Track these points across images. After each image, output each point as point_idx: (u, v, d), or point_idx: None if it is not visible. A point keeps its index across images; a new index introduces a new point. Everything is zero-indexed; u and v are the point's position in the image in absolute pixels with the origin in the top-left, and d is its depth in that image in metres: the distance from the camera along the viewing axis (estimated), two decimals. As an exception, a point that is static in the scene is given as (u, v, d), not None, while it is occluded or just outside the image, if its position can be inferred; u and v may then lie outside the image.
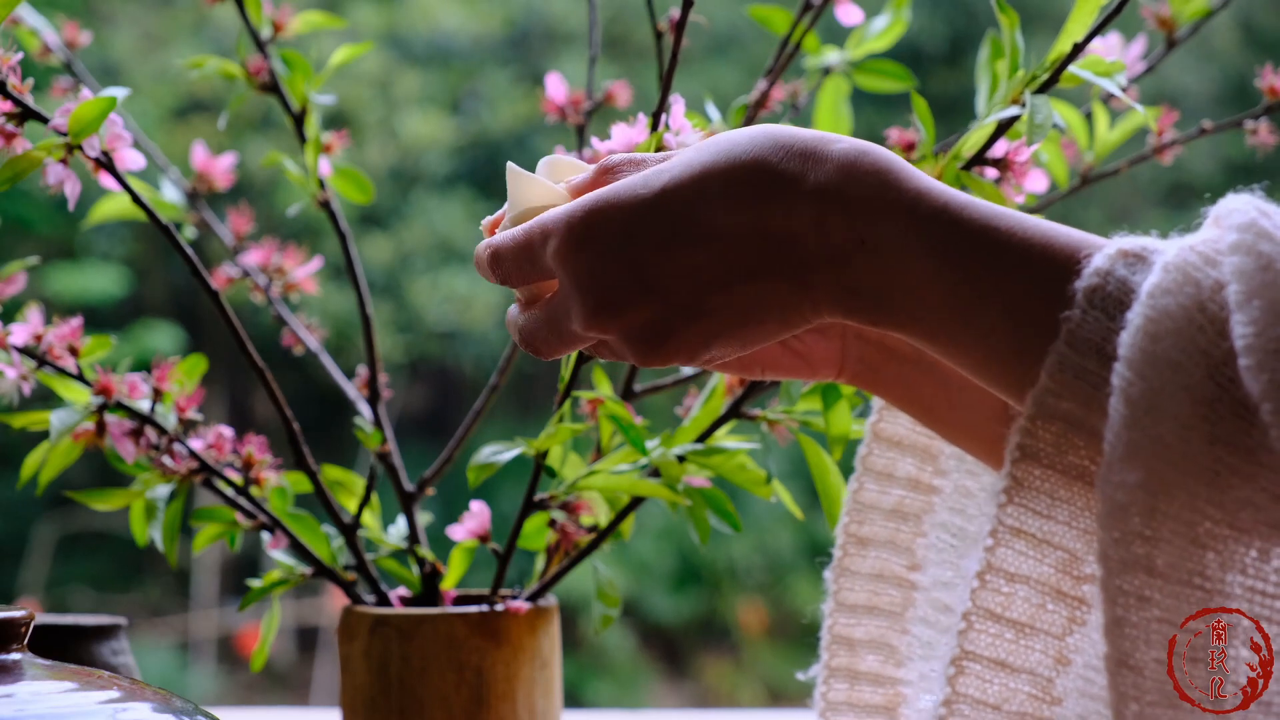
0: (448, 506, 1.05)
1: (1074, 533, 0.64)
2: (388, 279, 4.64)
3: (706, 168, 0.68)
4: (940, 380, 0.77)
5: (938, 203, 0.66)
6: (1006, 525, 0.65)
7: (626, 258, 0.68)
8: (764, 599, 4.73)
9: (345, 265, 1.02)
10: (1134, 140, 1.07)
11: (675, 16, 0.88)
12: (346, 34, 4.07)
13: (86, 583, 4.53)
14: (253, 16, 1.00)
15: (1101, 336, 0.62)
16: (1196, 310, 0.60)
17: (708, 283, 0.68)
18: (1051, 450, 0.64)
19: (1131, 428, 0.60)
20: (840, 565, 0.85)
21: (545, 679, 0.92)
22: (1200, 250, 0.61)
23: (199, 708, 0.76)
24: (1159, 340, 0.60)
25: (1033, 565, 0.65)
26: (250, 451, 0.93)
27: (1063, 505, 0.64)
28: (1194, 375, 0.59)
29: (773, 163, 0.67)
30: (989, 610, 0.65)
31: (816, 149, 0.67)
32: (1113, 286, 0.62)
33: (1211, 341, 0.60)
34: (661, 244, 0.68)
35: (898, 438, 0.84)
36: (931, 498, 0.83)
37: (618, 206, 0.68)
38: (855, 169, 0.66)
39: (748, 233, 0.67)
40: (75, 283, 4.37)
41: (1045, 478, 0.64)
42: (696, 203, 0.67)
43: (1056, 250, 0.64)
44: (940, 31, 4.67)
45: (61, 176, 0.85)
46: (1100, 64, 0.82)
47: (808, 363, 0.78)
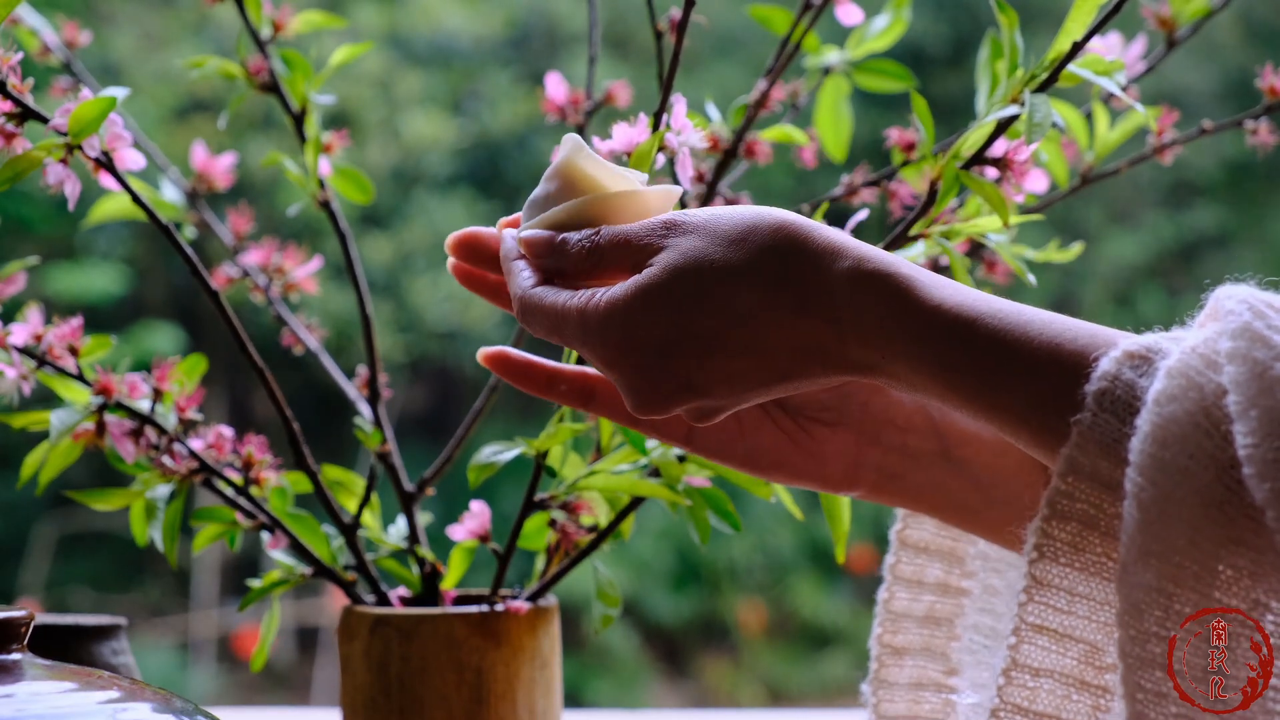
0: (448, 506, 1.05)
1: (1094, 625, 0.67)
2: (388, 279, 4.64)
3: (738, 277, 0.70)
4: (972, 479, 0.79)
5: (947, 318, 0.68)
6: (1028, 623, 0.67)
7: (670, 367, 0.71)
8: (764, 599, 4.73)
9: (345, 265, 1.02)
10: (1134, 140, 1.07)
11: (676, 17, 0.88)
12: (348, 34, 4.07)
13: (86, 583, 4.53)
14: (253, 16, 1.00)
15: (1113, 439, 0.64)
16: (1202, 415, 0.62)
17: (751, 385, 0.71)
18: (1068, 550, 0.66)
19: (1145, 531, 0.62)
20: (878, 677, 0.86)
21: (545, 679, 0.92)
22: (1201, 352, 0.64)
23: (199, 708, 0.76)
24: (1167, 446, 0.62)
25: (1056, 659, 0.67)
26: (250, 451, 0.93)
27: (1081, 601, 0.67)
28: (1203, 479, 0.62)
29: (790, 284, 0.70)
30: (1016, 705, 0.67)
31: (825, 265, 0.70)
32: (1121, 390, 0.64)
33: (1218, 446, 0.62)
34: (703, 355, 0.71)
35: (924, 543, 0.85)
36: (961, 600, 0.85)
37: (657, 314, 0.71)
38: (870, 287, 0.69)
39: (781, 343, 0.70)
40: (75, 283, 4.37)
41: (1063, 575, 0.66)
42: (731, 321, 0.70)
43: (1065, 356, 0.66)
44: (943, 33, 4.67)
45: (61, 176, 0.85)
46: (1100, 63, 0.82)
47: (819, 462, 0.80)
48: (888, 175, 1.00)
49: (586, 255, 0.74)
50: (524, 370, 0.80)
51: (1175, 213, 4.92)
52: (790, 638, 4.74)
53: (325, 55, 1.04)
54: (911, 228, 0.87)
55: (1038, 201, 1.00)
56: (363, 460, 1.10)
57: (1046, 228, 3.47)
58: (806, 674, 4.69)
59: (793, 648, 4.73)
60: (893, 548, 0.86)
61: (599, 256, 0.74)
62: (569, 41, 4.87)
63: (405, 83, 4.76)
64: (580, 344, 0.72)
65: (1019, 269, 0.91)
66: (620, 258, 0.73)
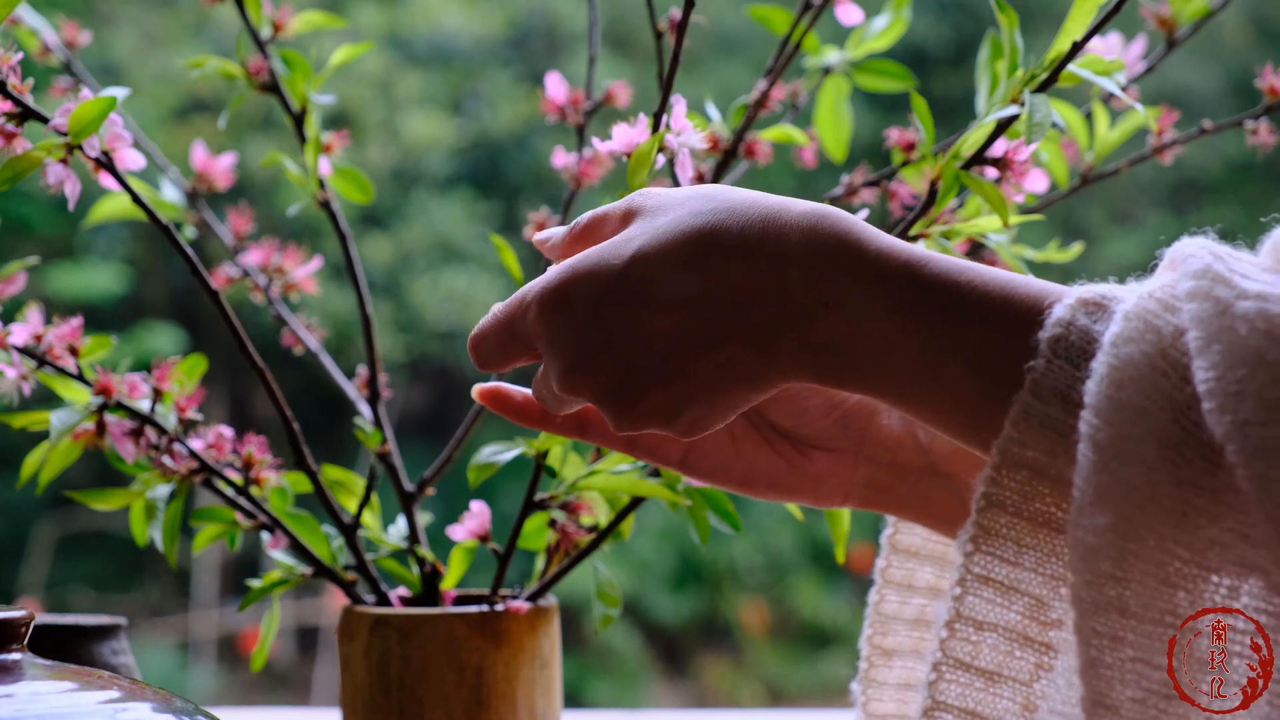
0: (448, 506, 1.05)
1: (1040, 579, 0.65)
2: (388, 279, 4.64)
3: (671, 236, 0.69)
4: (956, 493, 0.79)
5: (898, 260, 0.67)
6: (974, 574, 0.65)
7: (596, 324, 0.70)
8: (764, 599, 4.73)
9: (345, 265, 1.02)
10: (1135, 140, 1.07)
11: (676, 17, 0.88)
12: (348, 34, 4.07)
13: (86, 583, 4.53)
14: (253, 16, 1.00)
15: (1066, 385, 0.63)
16: (1159, 356, 0.61)
17: (670, 348, 0.69)
18: (1017, 498, 0.65)
19: (1100, 472, 0.61)
20: (867, 677, 0.86)
21: (545, 679, 0.92)
22: (1159, 297, 0.63)
23: (199, 708, 0.76)
24: (1123, 387, 0.61)
25: (1000, 613, 0.66)
26: (250, 451, 0.93)
27: (1029, 552, 0.65)
28: (1159, 420, 0.61)
29: (733, 229, 0.69)
30: (958, 659, 0.66)
31: (776, 214, 0.69)
32: (1075, 336, 0.63)
33: (1175, 386, 0.61)
34: (627, 311, 0.69)
35: (914, 548, 0.85)
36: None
37: (588, 276, 0.70)
38: (815, 231, 0.68)
39: (708, 299, 0.68)
40: (75, 283, 4.37)
41: (1011, 525, 0.65)
42: (660, 271, 0.69)
43: (1016, 302, 0.65)
44: (945, 35, 4.67)
45: (61, 176, 0.85)
46: (1099, 63, 0.82)
47: (813, 482, 0.80)
48: (888, 175, 1.00)
49: (576, 236, 0.76)
50: (519, 407, 0.81)
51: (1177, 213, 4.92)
52: (790, 638, 4.75)
53: (325, 55, 1.04)
54: (911, 228, 0.87)
55: (1038, 201, 1.00)
56: (363, 460, 1.10)
57: (1047, 228, 3.47)
58: (807, 674, 4.69)
59: (793, 648, 4.73)
60: (884, 552, 0.86)
61: (578, 236, 0.75)
62: (569, 41, 4.88)
63: (405, 83, 4.76)
64: (524, 318, 0.73)
65: (1019, 269, 0.91)
66: (597, 233, 0.74)
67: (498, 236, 0.95)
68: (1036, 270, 0.93)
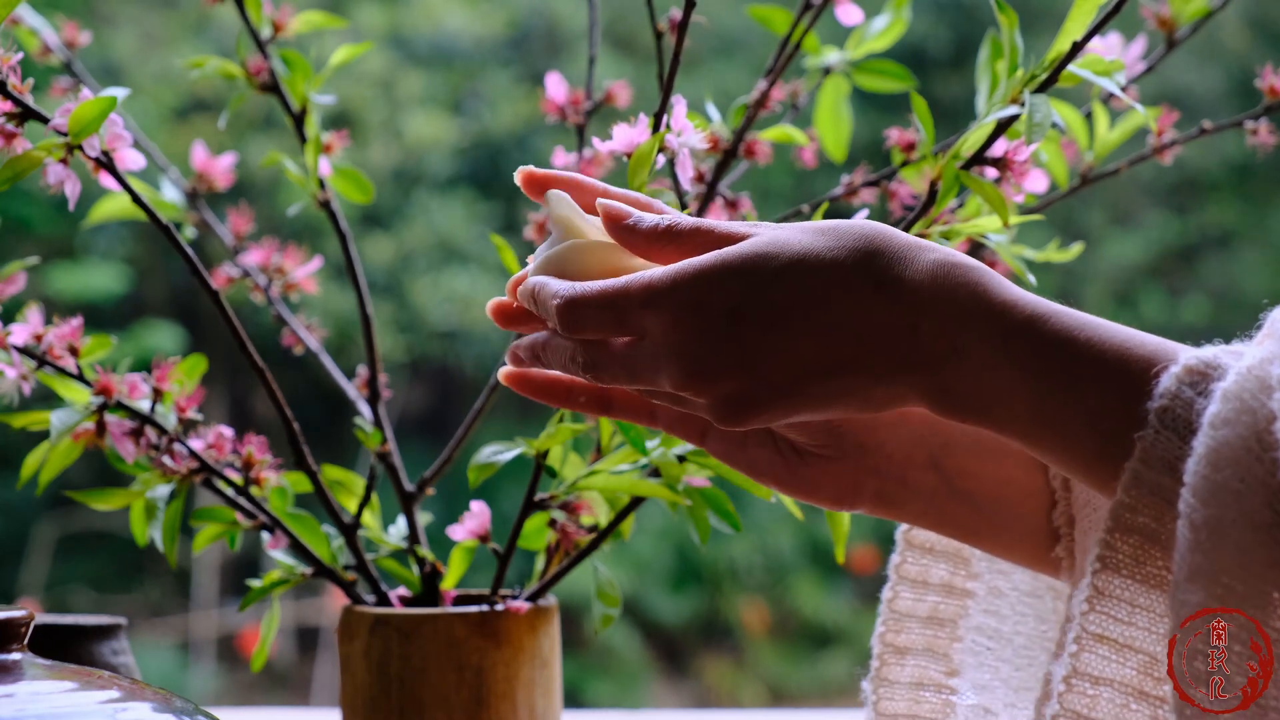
0: (448, 506, 1.05)
1: (1154, 637, 0.68)
2: (389, 279, 4.64)
3: (821, 259, 0.70)
4: (973, 507, 0.79)
5: (1024, 314, 0.69)
6: (1090, 632, 0.68)
7: (734, 333, 0.70)
8: (764, 599, 4.73)
9: (345, 265, 1.02)
10: (1135, 140, 1.07)
11: (676, 17, 0.88)
12: (349, 34, 4.08)
13: (86, 583, 4.53)
14: (253, 16, 1.00)
15: (1174, 456, 0.65)
16: (1254, 440, 0.63)
17: (807, 370, 0.70)
18: (1130, 561, 0.67)
19: (1195, 551, 0.63)
20: (879, 675, 0.86)
21: (545, 679, 0.92)
22: (1257, 374, 0.65)
23: (199, 708, 0.76)
24: (1220, 469, 0.63)
25: (1116, 669, 0.68)
26: (250, 451, 0.93)
27: (1142, 612, 0.68)
28: (1252, 503, 0.63)
29: (879, 266, 0.70)
30: (1076, 712, 0.68)
31: (913, 257, 0.70)
32: (1180, 409, 0.66)
33: (1268, 471, 0.63)
34: (769, 326, 0.70)
35: (929, 544, 0.85)
36: (966, 601, 0.85)
37: (724, 286, 0.70)
38: (948, 279, 0.70)
39: (846, 331, 0.70)
40: (75, 283, 4.37)
41: (1125, 587, 0.67)
42: (808, 298, 0.70)
43: (1132, 363, 0.67)
44: (943, 35, 4.67)
45: (61, 176, 0.85)
46: (1099, 63, 0.82)
47: (811, 486, 0.80)
48: (888, 175, 1.00)
49: (662, 234, 0.74)
50: (545, 385, 0.80)
51: (1177, 213, 4.92)
52: (791, 638, 4.75)
53: (326, 55, 1.04)
54: (911, 228, 0.87)
55: (1038, 201, 1.00)
56: (363, 460, 1.10)
57: (1047, 228, 3.47)
58: (807, 674, 4.69)
59: (793, 648, 4.73)
60: (899, 547, 0.86)
61: (675, 237, 0.74)
62: (569, 41, 4.88)
63: (407, 83, 4.76)
64: (641, 309, 0.71)
65: (1019, 269, 0.91)
66: (698, 245, 0.73)
67: (498, 237, 0.95)
68: (1036, 269, 0.93)
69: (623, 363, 0.73)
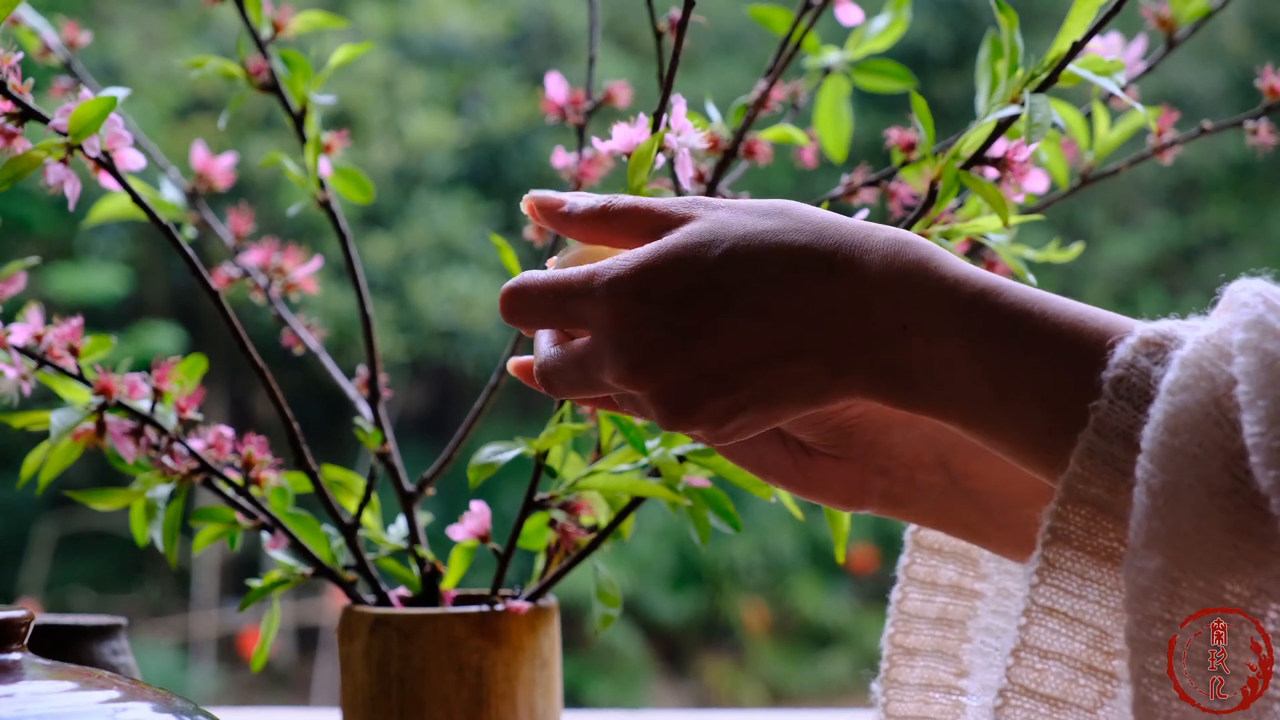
0: (448, 506, 1.05)
1: (1104, 611, 0.67)
2: (389, 279, 4.64)
3: (762, 247, 0.69)
4: (980, 507, 0.79)
5: (975, 286, 0.68)
6: (1039, 605, 0.67)
7: (672, 326, 0.69)
8: (764, 599, 4.73)
9: (345, 265, 1.02)
10: (1135, 140, 1.07)
11: (676, 17, 0.88)
12: (350, 34, 4.08)
13: (86, 583, 4.54)
14: (253, 16, 1.00)
15: (1128, 425, 0.64)
16: (1212, 405, 0.63)
17: (749, 357, 0.69)
18: (1081, 533, 0.66)
19: (1152, 517, 0.62)
20: (889, 677, 0.86)
21: (545, 679, 0.92)
22: (1215, 343, 0.64)
23: (199, 708, 0.76)
24: (1178, 434, 0.63)
25: (1065, 642, 0.67)
26: (250, 451, 0.93)
27: (1093, 585, 0.67)
28: (1211, 468, 0.62)
29: (821, 250, 0.69)
30: (1024, 686, 0.67)
31: (862, 240, 0.69)
32: (1136, 378, 0.65)
33: (1227, 436, 0.62)
34: (713, 313, 0.69)
35: (938, 545, 0.85)
36: (974, 602, 0.85)
37: (668, 274, 0.69)
38: (898, 258, 0.69)
39: (792, 314, 0.69)
40: (75, 283, 4.37)
41: (1076, 559, 0.67)
42: (754, 279, 0.69)
43: (1086, 335, 0.66)
44: (943, 35, 4.67)
45: (61, 176, 0.85)
46: (1099, 63, 0.82)
47: (818, 485, 0.79)
48: (888, 175, 1.00)
49: (598, 214, 0.73)
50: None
51: (1177, 213, 4.92)
52: (791, 638, 4.75)
53: (326, 55, 1.04)
54: (911, 228, 0.87)
55: (1038, 201, 1.00)
56: (363, 460, 1.10)
57: (1047, 228, 3.47)
58: (807, 674, 4.69)
59: (793, 648, 4.73)
60: (907, 548, 0.86)
61: (611, 217, 0.73)
62: (569, 41, 4.88)
63: (407, 83, 4.77)
64: (582, 298, 0.70)
65: (1019, 269, 0.91)
66: (634, 224, 0.72)
67: (498, 237, 0.95)
68: (1036, 269, 0.93)
69: (576, 365, 0.72)
